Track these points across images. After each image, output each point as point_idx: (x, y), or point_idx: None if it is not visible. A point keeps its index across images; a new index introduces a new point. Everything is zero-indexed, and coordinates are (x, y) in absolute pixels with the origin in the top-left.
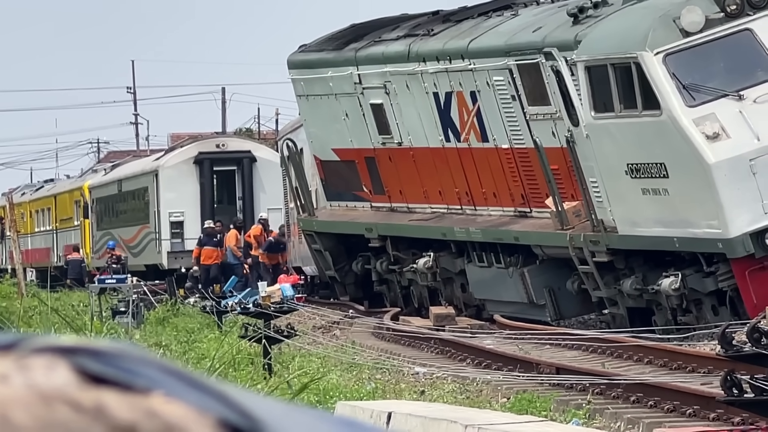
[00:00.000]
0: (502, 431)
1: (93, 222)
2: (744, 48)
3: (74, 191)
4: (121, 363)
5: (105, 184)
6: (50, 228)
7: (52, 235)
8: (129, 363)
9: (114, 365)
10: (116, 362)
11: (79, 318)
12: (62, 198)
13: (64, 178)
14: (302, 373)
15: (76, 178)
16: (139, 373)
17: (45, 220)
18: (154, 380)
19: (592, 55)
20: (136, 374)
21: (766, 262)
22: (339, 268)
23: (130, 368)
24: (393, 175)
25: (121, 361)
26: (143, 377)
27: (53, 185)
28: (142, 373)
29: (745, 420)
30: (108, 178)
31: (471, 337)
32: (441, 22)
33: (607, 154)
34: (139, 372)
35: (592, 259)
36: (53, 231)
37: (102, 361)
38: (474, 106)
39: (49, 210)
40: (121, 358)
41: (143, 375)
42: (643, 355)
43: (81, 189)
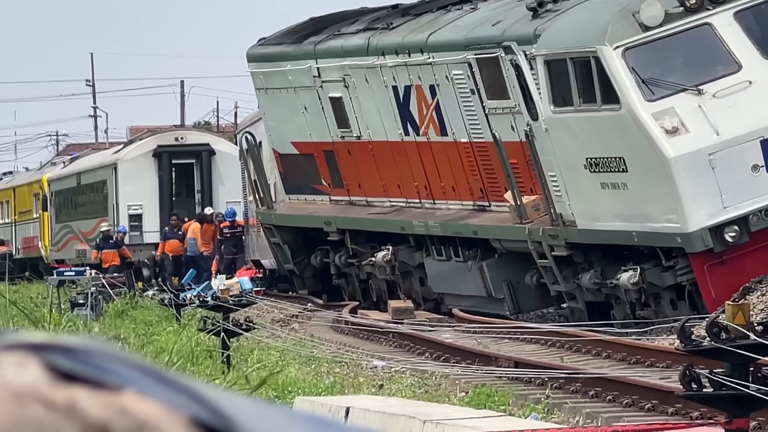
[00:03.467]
0: (460, 426)
1: (52, 215)
2: (703, 42)
3: (33, 184)
4: (92, 360)
5: (64, 177)
6: (9, 221)
7: (11, 228)
8: (100, 360)
9: (85, 362)
10: (87, 359)
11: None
12: (21, 191)
13: (23, 171)
14: (261, 367)
15: (35, 170)
16: (111, 371)
17: (4, 212)
18: (126, 377)
19: (552, 49)
20: (108, 371)
21: (724, 257)
22: (298, 261)
23: (101, 365)
24: (352, 168)
25: (92, 358)
26: (114, 374)
27: (12, 178)
28: (113, 371)
29: (704, 414)
30: (67, 170)
31: (429, 330)
32: (400, 16)
33: (566, 148)
34: (111, 369)
35: (551, 253)
36: (12, 223)
37: (73, 358)
38: (433, 100)
39: (8, 202)
40: (92, 355)
41: (114, 372)
42: (601, 350)
43: (40, 182)
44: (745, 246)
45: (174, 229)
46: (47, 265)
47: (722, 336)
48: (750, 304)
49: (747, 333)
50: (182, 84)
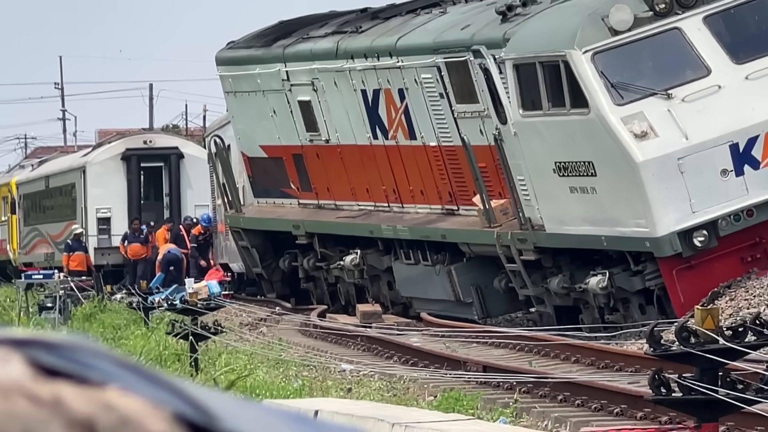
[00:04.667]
0: (429, 429)
1: (20, 218)
2: (673, 47)
3: (1, 187)
4: (75, 356)
5: (32, 180)
6: None
7: None
8: (83, 356)
9: (68, 358)
10: (70, 355)
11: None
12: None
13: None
14: (229, 370)
15: (3, 173)
16: (94, 366)
17: None
18: (109, 373)
19: (521, 53)
20: (91, 367)
21: (693, 262)
22: (266, 265)
23: (85, 361)
24: (320, 172)
25: (76, 353)
26: (98, 370)
27: None
28: (96, 366)
29: (673, 419)
30: (35, 174)
31: (398, 334)
32: (369, 20)
33: (535, 152)
34: (94, 365)
35: (520, 257)
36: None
37: (56, 353)
38: (402, 104)
39: None
40: (76, 350)
41: (98, 368)
42: (570, 354)
43: (8, 185)
44: (713, 251)
45: (135, 233)
46: (15, 268)
47: (691, 340)
48: (719, 309)
49: (716, 338)
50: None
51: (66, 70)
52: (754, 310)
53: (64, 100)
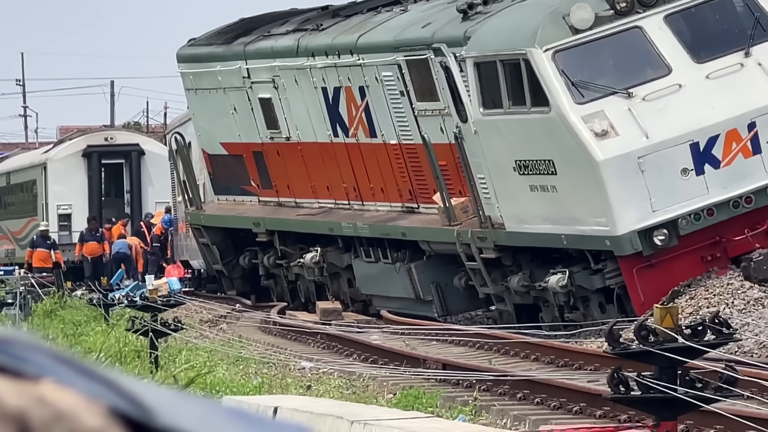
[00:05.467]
0: (388, 427)
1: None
2: (634, 46)
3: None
4: (10, 349)
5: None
6: None
7: None
8: (18, 350)
9: (3, 351)
10: (5, 348)
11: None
12: None
13: None
14: (189, 367)
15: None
16: (29, 360)
17: None
18: (45, 367)
19: (482, 51)
20: (26, 361)
21: (653, 260)
22: (226, 262)
23: (20, 355)
24: (281, 169)
25: (10, 347)
26: (33, 364)
27: None
28: (32, 360)
29: (632, 417)
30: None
31: (358, 332)
32: (330, 17)
33: (496, 150)
34: (29, 359)
35: (480, 255)
36: None
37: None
38: (362, 102)
39: None
40: (11, 344)
41: (33, 362)
42: (530, 352)
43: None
44: (674, 249)
45: (92, 231)
46: None
47: (650, 339)
48: (678, 308)
49: (675, 336)
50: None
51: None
52: (714, 308)
53: (25, 97)
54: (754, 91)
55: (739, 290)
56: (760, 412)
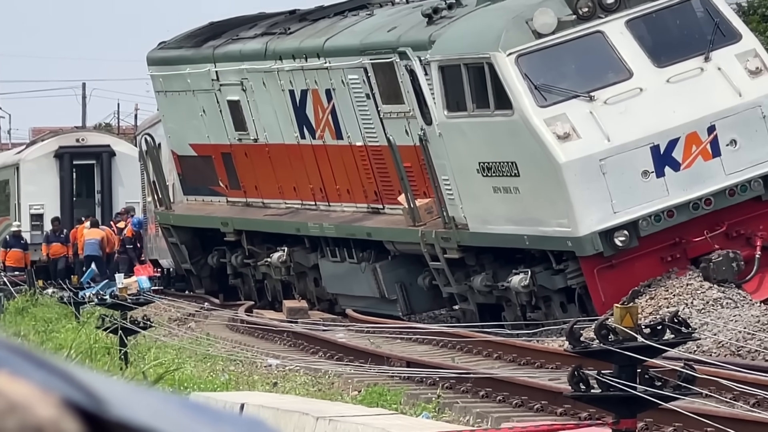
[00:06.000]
0: (353, 423)
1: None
2: (595, 50)
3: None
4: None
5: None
6: None
7: None
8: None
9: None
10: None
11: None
12: None
13: None
14: (158, 364)
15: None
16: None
17: None
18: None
19: (446, 55)
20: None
21: (614, 261)
22: (195, 261)
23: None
24: (249, 170)
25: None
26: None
27: None
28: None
29: (592, 415)
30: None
31: (323, 330)
32: (298, 21)
33: (460, 152)
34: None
35: (443, 255)
36: None
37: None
38: (329, 104)
39: None
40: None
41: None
42: (492, 350)
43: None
44: (634, 250)
45: (56, 232)
46: None
47: (610, 338)
48: (638, 307)
49: (635, 335)
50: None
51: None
52: (673, 308)
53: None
54: (714, 95)
55: (698, 290)
56: (717, 410)
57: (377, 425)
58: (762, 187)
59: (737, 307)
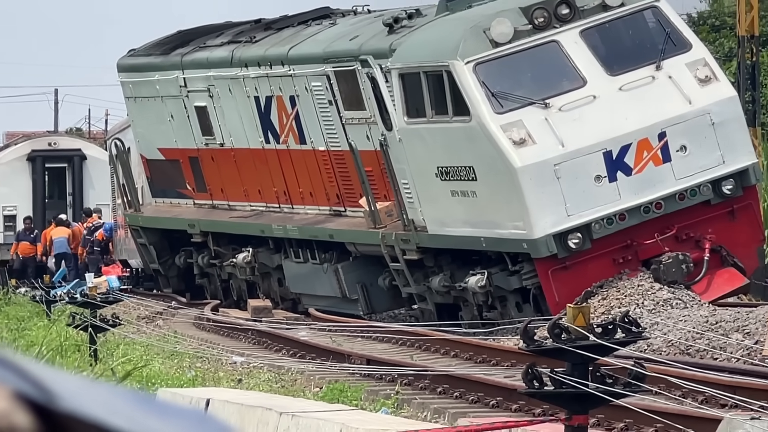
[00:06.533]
0: (314, 419)
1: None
2: (551, 59)
3: None
4: None
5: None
6: None
7: None
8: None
9: None
10: None
11: None
12: None
13: None
14: (126, 361)
15: None
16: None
17: None
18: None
19: (406, 63)
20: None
21: (568, 262)
22: (163, 261)
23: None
24: (215, 174)
25: None
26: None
27: None
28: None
29: (546, 411)
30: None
31: (287, 328)
32: (263, 30)
33: (419, 157)
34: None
35: (403, 256)
36: None
37: None
38: (293, 110)
39: None
40: None
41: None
42: (449, 349)
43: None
44: (587, 252)
45: (26, 232)
46: None
47: (563, 337)
48: (590, 307)
49: (587, 334)
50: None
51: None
52: (624, 308)
53: None
54: (665, 102)
55: (649, 291)
56: (666, 406)
57: (338, 420)
58: (711, 191)
59: (686, 307)
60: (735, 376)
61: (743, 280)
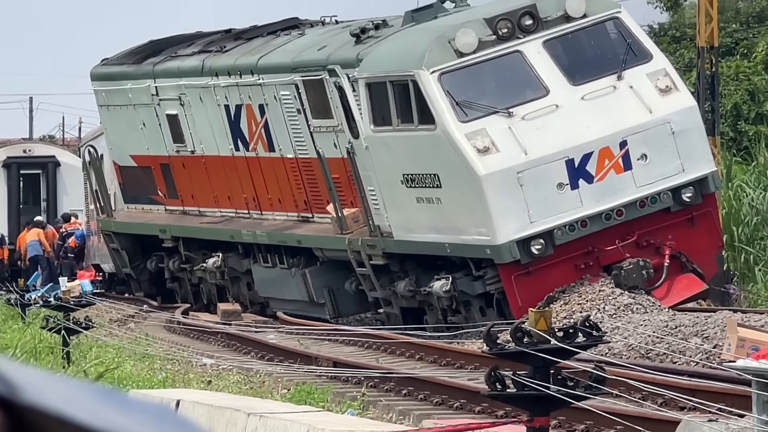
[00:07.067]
0: (282, 420)
1: None
2: (514, 68)
3: None
4: None
5: None
6: None
7: None
8: None
9: None
10: None
11: None
12: None
13: None
14: (99, 363)
15: None
16: None
17: None
18: None
19: (373, 72)
20: None
21: (530, 268)
22: (135, 266)
23: None
24: (186, 180)
25: None
26: None
27: None
28: None
29: (508, 413)
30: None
31: (255, 332)
32: (233, 40)
33: (385, 164)
34: None
35: (369, 261)
36: None
37: None
38: (262, 118)
39: None
40: None
41: None
42: (414, 352)
43: None
44: (549, 258)
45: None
46: None
47: (526, 341)
48: (552, 312)
49: (548, 338)
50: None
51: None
52: (586, 313)
53: None
54: (626, 111)
55: (610, 296)
56: (626, 409)
57: (305, 421)
58: (671, 199)
59: (646, 312)
60: (693, 380)
61: (702, 285)
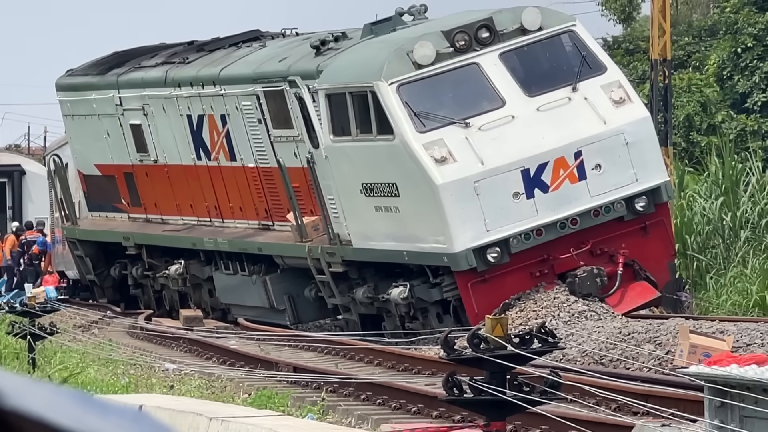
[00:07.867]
0: (243, 424)
1: None
2: (471, 80)
3: None
4: None
5: None
6: None
7: None
8: None
9: None
10: None
11: None
12: None
13: None
14: (63, 368)
15: None
16: None
17: None
18: None
19: (333, 83)
20: None
21: (487, 275)
22: (98, 272)
23: None
24: (149, 189)
25: None
26: None
27: None
28: None
29: (465, 418)
30: None
31: (217, 337)
32: (195, 51)
33: (344, 174)
34: None
35: (329, 269)
36: None
37: None
38: (224, 128)
39: None
40: None
41: None
42: (373, 358)
43: None
44: (505, 266)
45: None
46: None
47: (482, 347)
48: (508, 318)
49: (505, 344)
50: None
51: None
52: (541, 320)
53: None
54: (581, 122)
55: (565, 303)
56: (581, 413)
57: (266, 425)
58: (624, 208)
59: (600, 319)
60: (647, 385)
61: (655, 293)
